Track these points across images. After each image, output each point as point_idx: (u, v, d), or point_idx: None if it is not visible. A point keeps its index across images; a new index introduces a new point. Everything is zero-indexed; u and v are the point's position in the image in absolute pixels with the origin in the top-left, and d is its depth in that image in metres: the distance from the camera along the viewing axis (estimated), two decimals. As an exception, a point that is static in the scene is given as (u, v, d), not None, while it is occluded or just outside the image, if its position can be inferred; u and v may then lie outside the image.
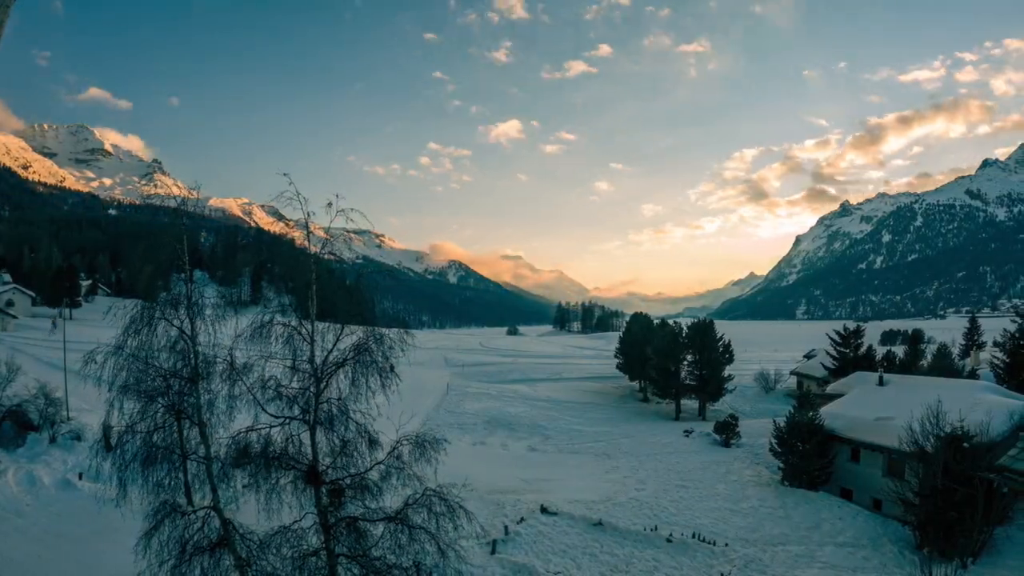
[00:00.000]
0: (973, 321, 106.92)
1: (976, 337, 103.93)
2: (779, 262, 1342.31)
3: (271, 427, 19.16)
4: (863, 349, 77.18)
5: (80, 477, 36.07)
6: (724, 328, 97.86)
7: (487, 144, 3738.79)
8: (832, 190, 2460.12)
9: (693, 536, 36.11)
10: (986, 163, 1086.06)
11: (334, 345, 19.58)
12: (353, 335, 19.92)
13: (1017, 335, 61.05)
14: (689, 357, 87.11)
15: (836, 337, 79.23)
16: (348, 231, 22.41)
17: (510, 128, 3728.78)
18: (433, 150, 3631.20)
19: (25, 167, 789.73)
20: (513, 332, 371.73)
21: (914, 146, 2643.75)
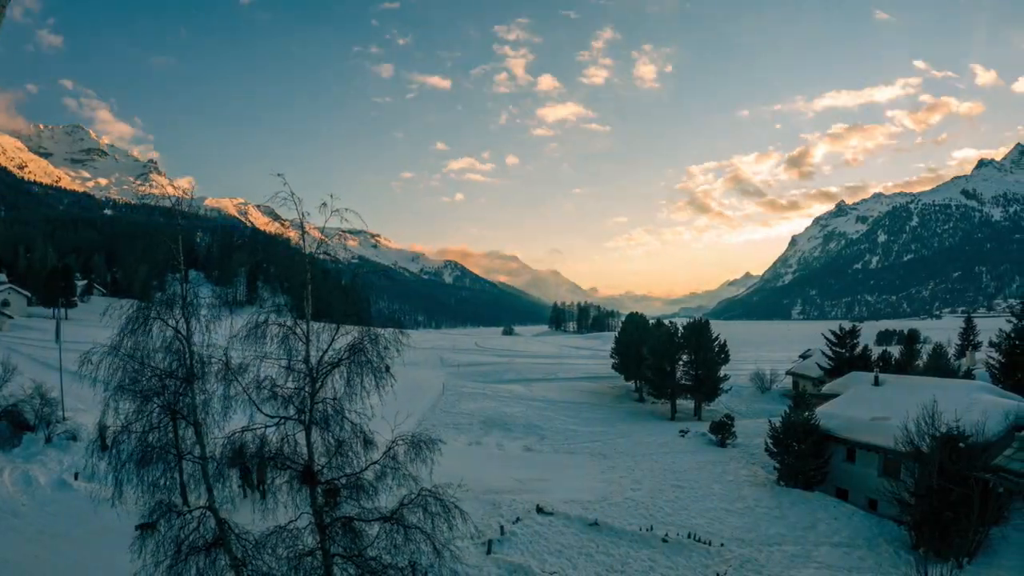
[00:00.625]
0: (969, 321, 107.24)
1: (972, 337, 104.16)
2: (775, 262, 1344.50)
3: (266, 427, 19.17)
4: (859, 349, 77.50)
5: (76, 477, 36.04)
6: (720, 328, 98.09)
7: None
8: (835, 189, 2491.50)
9: (689, 536, 36.16)
10: (982, 163, 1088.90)
11: (329, 345, 19.57)
12: (348, 335, 19.92)
13: (1013, 335, 61.21)
14: (685, 357, 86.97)
15: (832, 337, 79.50)
16: (343, 231, 22.48)
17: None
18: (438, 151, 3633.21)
19: (21, 167, 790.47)
20: (509, 332, 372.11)
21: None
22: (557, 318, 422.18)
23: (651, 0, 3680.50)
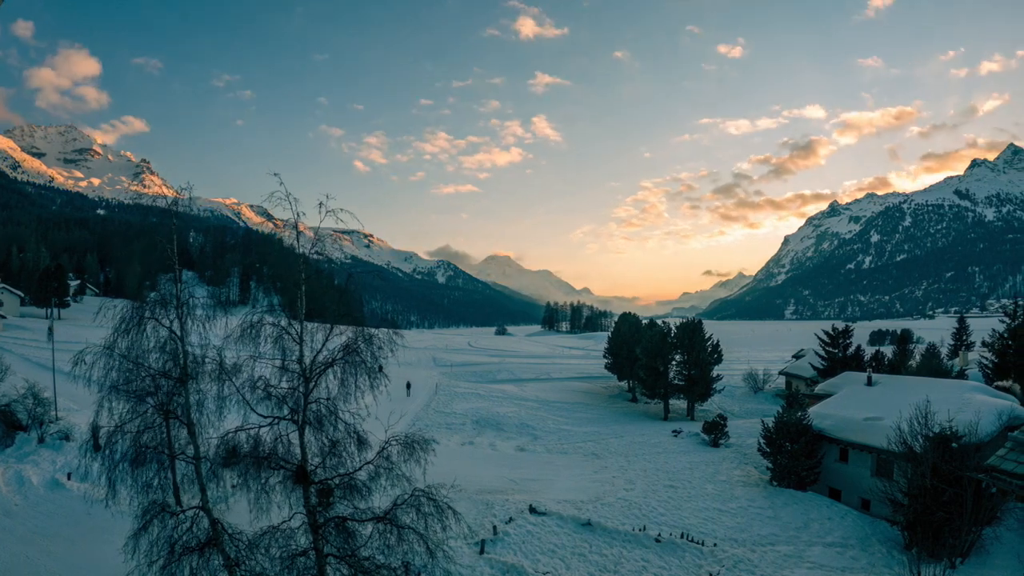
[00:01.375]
0: (962, 321, 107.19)
1: (964, 337, 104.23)
2: (767, 262, 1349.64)
3: (260, 427, 19.26)
4: (852, 349, 77.56)
5: (69, 477, 36.04)
6: (713, 328, 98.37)
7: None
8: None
9: (682, 536, 36.18)
10: (975, 163, 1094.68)
11: (323, 345, 19.67)
12: (342, 335, 19.99)
13: (1005, 335, 61.42)
14: (677, 357, 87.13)
15: (825, 337, 79.59)
16: (337, 231, 22.50)
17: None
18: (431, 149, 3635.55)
19: (14, 167, 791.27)
20: (502, 332, 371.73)
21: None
22: (550, 318, 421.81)
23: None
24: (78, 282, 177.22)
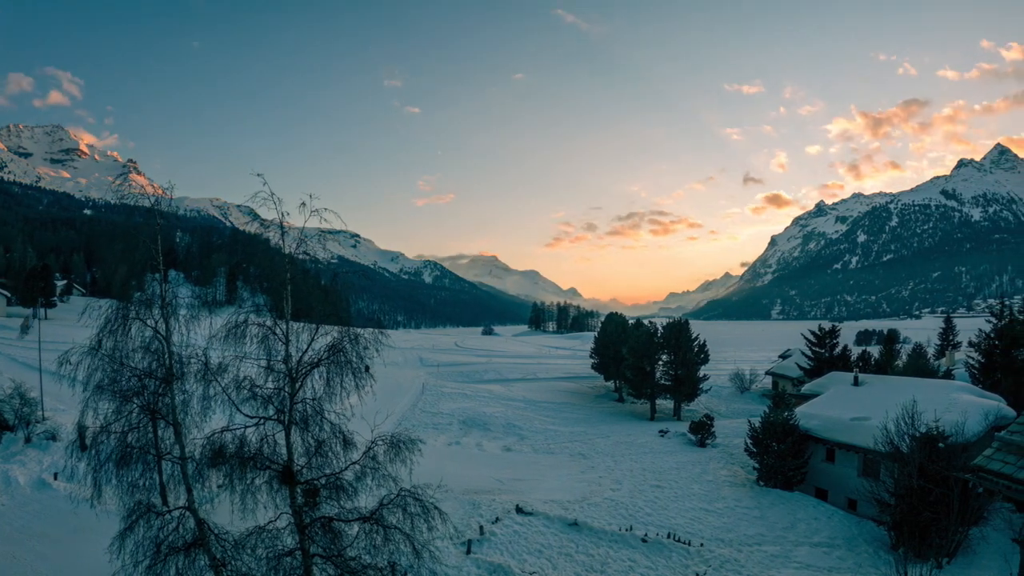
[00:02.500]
0: (948, 321, 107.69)
1: (951, 337, 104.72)
2: (754, 262, 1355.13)
3: (246, 427, 19.31)
4: (838, 349, 77.91)
5: (55, 477, 36.06)
6: (699, 328, 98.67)
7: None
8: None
9: (668, 536, 36.39)
10: (961, 163, 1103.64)
11: (309, 345, 19.73)
12: (328, 335, 20.05)
13: (992, 335, 61.72)
14: (664, 357, 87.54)
15: (811, 337, 79.90)
16: (323, 231, 22.53)
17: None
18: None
19: (1, 167, 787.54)
20: (488, 332, 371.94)
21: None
22: (537, 318, 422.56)
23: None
24: (64, 282, 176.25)
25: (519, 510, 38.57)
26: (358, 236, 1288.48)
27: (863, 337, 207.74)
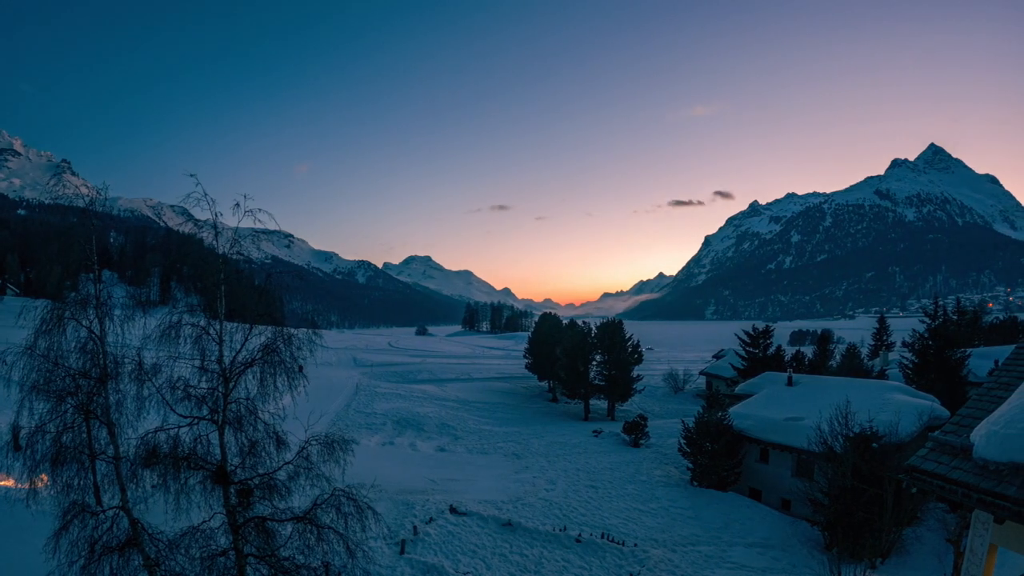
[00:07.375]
0: (882, 321, 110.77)
1: (885, 337, 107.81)
2: (688, 262, 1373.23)
3: (180, 427, 19.93)
4: (772, 349, 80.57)
5: (-10, 478, 36.01)
6: (633, 328, 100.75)
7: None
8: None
9: (603, 536, 37.82)
10: (895, 163, 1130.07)
11: (243, 345, 20.43)
12: (262, 335, 20.75)
13: (926, 335, 64.17)
14: (598, 357, 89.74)
15: (745, 337, 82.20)
16: (257, 231, 23.10)
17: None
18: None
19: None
20: (422, 332, 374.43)
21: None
22: (471, 318, 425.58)
23: None
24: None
25: (453, 510, 39.61)
26: (291, 236, 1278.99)
27: (797, 337, 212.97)
